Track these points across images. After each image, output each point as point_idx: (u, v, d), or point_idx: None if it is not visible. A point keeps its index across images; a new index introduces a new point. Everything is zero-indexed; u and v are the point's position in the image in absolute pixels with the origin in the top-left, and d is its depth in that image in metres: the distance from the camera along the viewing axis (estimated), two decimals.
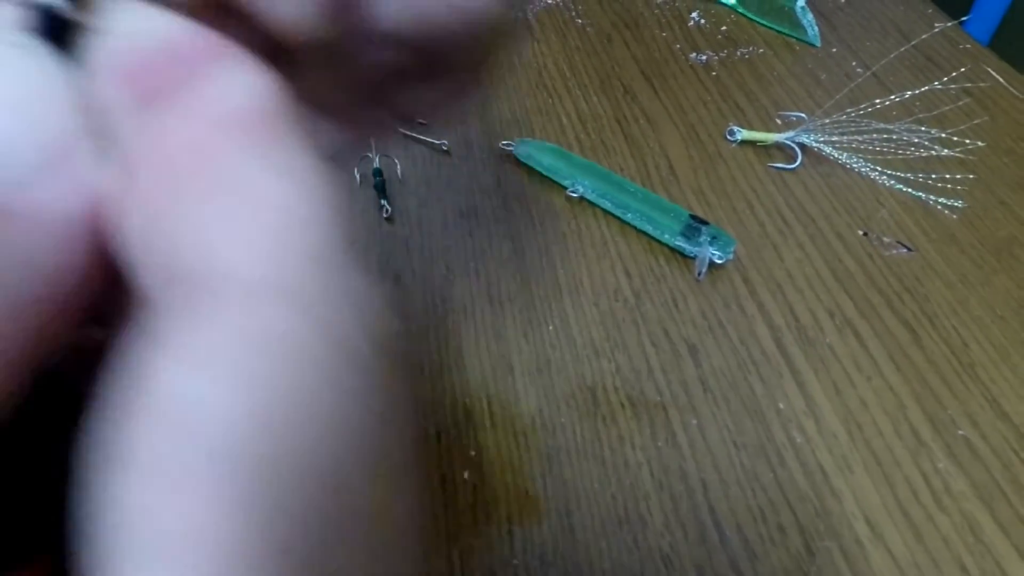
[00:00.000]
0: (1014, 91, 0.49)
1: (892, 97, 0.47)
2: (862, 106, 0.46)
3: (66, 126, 0.10)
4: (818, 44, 0.54)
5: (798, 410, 0.32)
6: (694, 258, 0.38)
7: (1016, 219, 0.41)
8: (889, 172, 0.43)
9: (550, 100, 0.49)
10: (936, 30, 0.55)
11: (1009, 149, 0.45)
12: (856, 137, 0.45)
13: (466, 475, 0.29)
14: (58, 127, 0.09)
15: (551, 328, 0.35)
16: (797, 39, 0.55)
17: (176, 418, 0.08)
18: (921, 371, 0.33)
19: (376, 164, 0.44)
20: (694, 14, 0.57)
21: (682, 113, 0.48)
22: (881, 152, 0.44)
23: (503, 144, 0.45)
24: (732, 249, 0.37)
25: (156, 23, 0.10)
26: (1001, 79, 0.50)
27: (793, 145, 0.44)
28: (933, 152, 0.44)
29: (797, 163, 0.44)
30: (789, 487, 0.29)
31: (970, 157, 0.44)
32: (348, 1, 0.12)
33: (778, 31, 0.55)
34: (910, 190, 0.42)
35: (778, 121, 0.47)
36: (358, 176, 0.43)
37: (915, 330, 0.35)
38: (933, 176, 0.43)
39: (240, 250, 0.09)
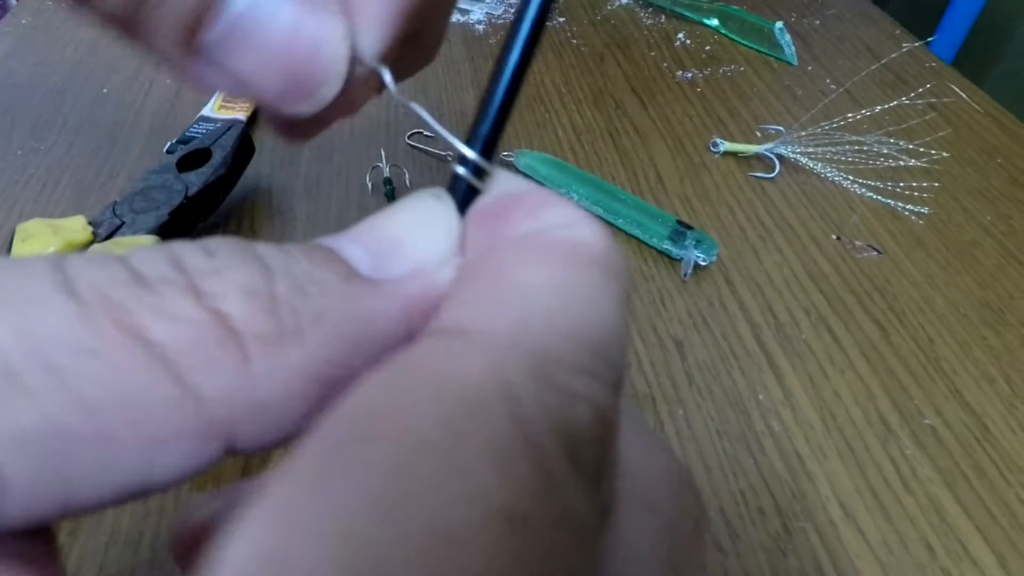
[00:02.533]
0: (976, 106, 0.49)
1: (863, 111, 0.47)
2: (835, 120, 0.46)
3: (442, 244, 0.12)
4: (795, 63, 0.54)
5: (776, 401, 0.32)
6: (680, 260, 0.38)
7: (978, 224, 0.41)
8: (860, 181, 0.43)
9: (547, 114, 0.49)
10: (904, 50, 0.55)
11: (971, 160, 0.45)
12: (830, 148, 0.45)
13: None
14: (448, 246, 0.12)
15: None
16: (776, 58, 0.55)
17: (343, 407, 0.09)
18: (890, 365, 0.33)
19: (387, 173, 0.44)
20: (680, 35, 0.57)
21: (669, 126, 0.48)
22: (853, 162, 0.44)
23: (503, 155, 0.45)
24: (715, 252, 0.37)
25: (518, 187, 0.12)
26: (964, 95, 0.50)
27: (772, 156, 0.44)
28: (901, 162, 0.44)
29: (775, 173, 0.44)
30: (768, 472, 0.29)
31: (935, 167, 0.44)
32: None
33: (758, 51, 0.55)
34: (880, 197, 0.42)
35: (758, 134, 0.47)
36: (370, 184, 0.43)
37: (884, 327, 0.35)
38: (901, 184, 0.43)
39: (466, 309, 0.10)
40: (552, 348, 0.09)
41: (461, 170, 0.13)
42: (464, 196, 0.13)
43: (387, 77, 0.15)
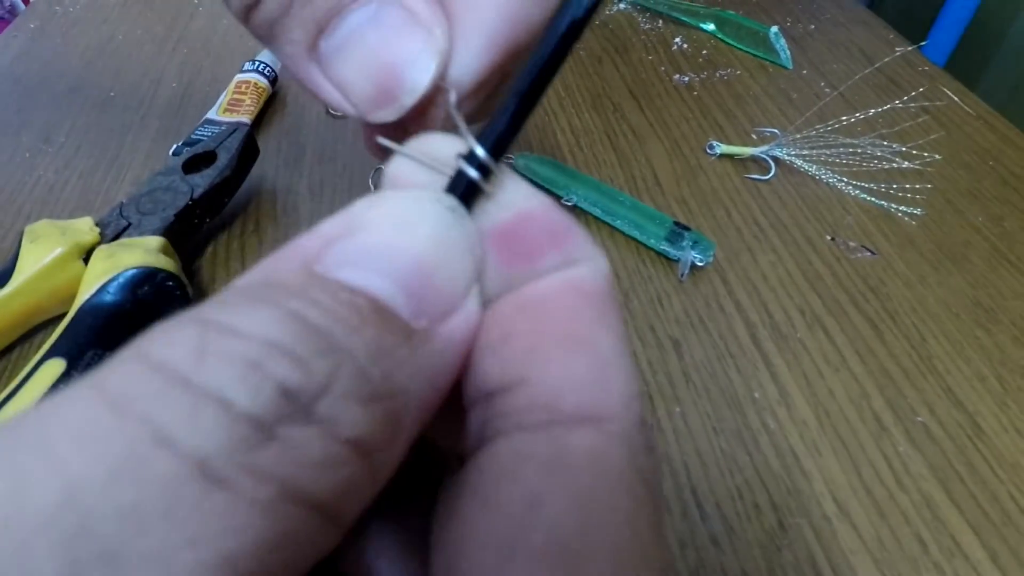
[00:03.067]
0: (968, 109, 0.49)
1: (857, 114, 0.47)
2: (830, 123, 0.46)
3: (470, 269, 0.11)
4: (790, 67, 0.54)
5: (772, 399, 0.32)
6: (677, 261, 0.38)
7: (970, 225, 0.41)
8: (854, 183, 0.43)
9: (547, 117, 0.49)
10: (897, 54, 0.55)
11: (963, 162, 0.45)
12: (824, 151, 0.45)
13: None
14: (467, 269, 0.11)
15: None
16: (771, 62, 0.55)
17: (517, 513, 0.09)
18: (883, 363, 0.33)
19: None
20: (677, 39, 0.57)
21: (666, 129, 0.48)
22: (847, 164, 0.44)
23: (504, 157, 0.45)
24: (712, 253, 0.37)
25: (531, 201, 0.12)
26: (956, 98, 0.50)
27: (767, 158, 0.44)
28: (894, 164, 0.44)
29: (771, 175, 0.44)
30: (764, 469, 0.29)
31: (928, 169, 0.44)
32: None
33: (754, 55, 0.55)
34: (873, 199, 0.42)
35: (753, 136, 0.47)
36: (373, 186, 0.43)
37: (878, 326, 0.35)
38: (894, 186, 0.43)
39: (605, 393, 0.10)
40: (633, 414, 0.11)
41: (472, 172, 0.12)
42: (466, 195, 0.12)
43: (452, 97, 0.15)
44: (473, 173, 0.12)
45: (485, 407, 0.11)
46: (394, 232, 0.11)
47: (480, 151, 0.12)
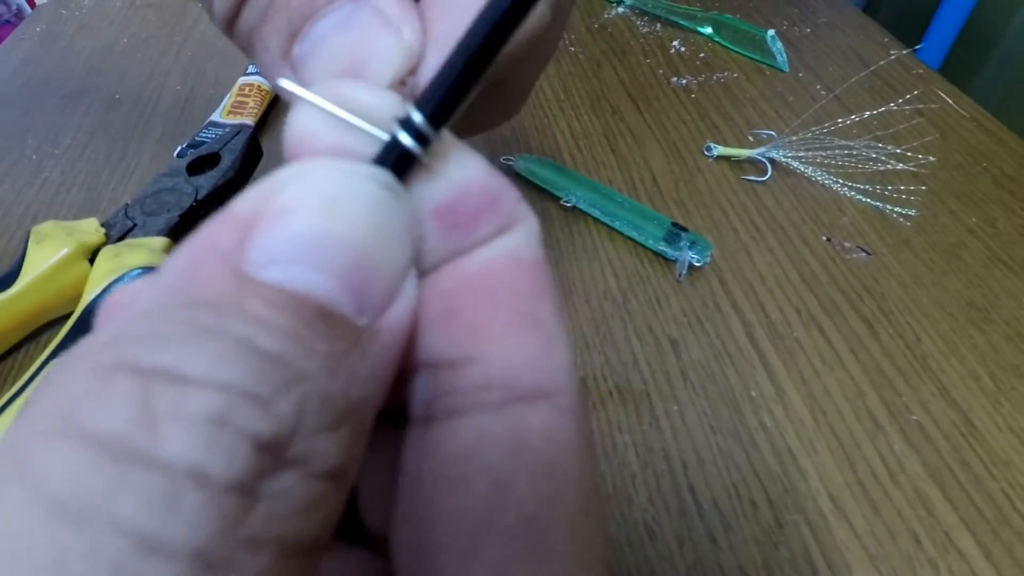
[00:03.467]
0: (962, 112, 0.49)
1: (852, 117, 0.47)
2: (826, 125, 0.46)
3: (408, 252, 0.10)
4: (786, 69, 0.54)
5: (768, 397, 0.32)
6: (675, 261, 0.38)
7: (964, 226, 0.41)
8: (850, 184, 0.43)
9: (546, 119, 0.49)
10: (892, 57, 0.55)
11: (957, 164, 0.45)
12: (820, 153, 0.45)
13: None
14: (406, 254, 0.10)
15: None
16: (768, 65, 0.55)
17: (486, 494, 0.10)
18: (878, 362, 0.33)
19: None
20: (675, 42, 0.57)
21: (664, 131, 0.48)
22: (843, 166, 0.44)
23: (504, 159, 0.45)
24: (709, 253, 0.37)
25: (472, 170, 0.11)
26: (950, 101, 0.50)
27: (764, 160, 0.44)
28: (889, 166, 0.44)
29: (768, 176, 0.44)
30: (760, 466, 0.29)
31: (922, 171, 0.44)
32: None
33: (751, 58, 0.55)
34: (868, 200, 0.42)
35: (750, 138, 0.47)
36: None
37: (873, 326, 0.35)
38: (889, 188, 0.43)
39: (553, 367, 0.11)
40: (575, 384, 0.11)
41: (408, 141, 0.10)
42: (400, 167, 0.10)
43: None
44: (409, 142, 0.10)
45: (433, 379, 0.11)
46: (325, 216, 0.09)
47: (418, 116, 0.10)
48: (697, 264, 0.37)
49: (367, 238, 0.09)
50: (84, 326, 0.31)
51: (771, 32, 0.54)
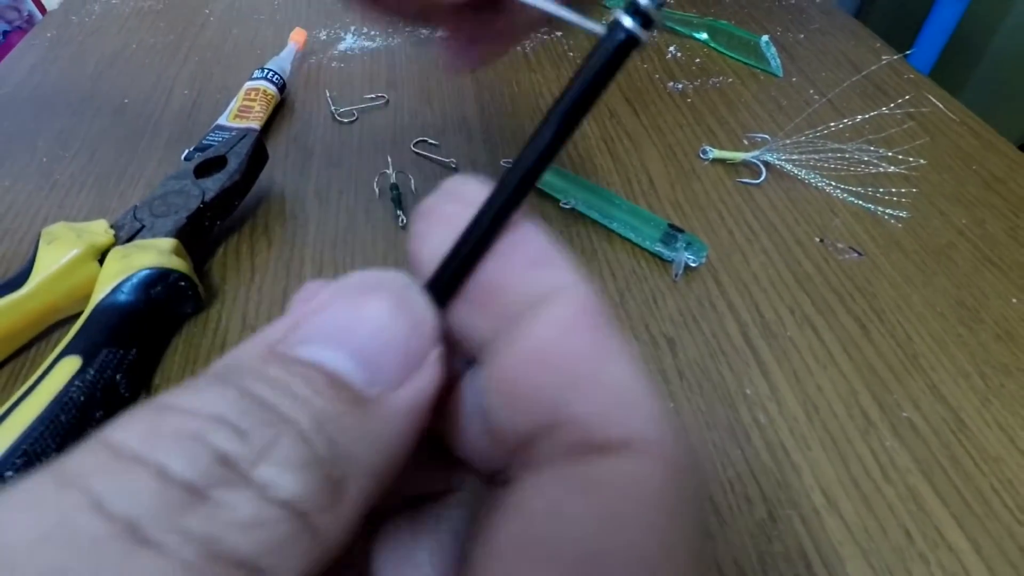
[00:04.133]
0: (951, 115, 0.49)
1: (845, 121, 0.47)
2: (819, 129, 0.46)
3: (427, 341, 0.11)
4: (780, 74, 0.54)
5: (763, 395, 0.32)
6: (671, 262, 0.38)
7: (953, 227, 0.41)
8: (842, 186, 0.43)
9: None
10: (883, 62, 0.55)
11: (947, 166, 0.45)
12: (813, 156, 0.45)
13: None
14: (427, 341, 0.11)
15: None
16: (762, 70, 0.55)
17: (545, 522, 0.10)
18: (870, 361, 0.33)
19: (393, 179, 0.44)
20: (671, 48, 0.57)
21: (661, 134, 0.48)
22: (835, 169, 0.44)
23: (504, 162, 0.45)
24: (705, 254, 0.37)
25: (507, 260, 0.12)
26: (940, 105, 0.50)
27: (758, 163, 0.44)
28: (881, 169, 0.44)
29: (762, 179, 0.44)
30: (755, 462, 0.29)
31: (913, 173, 0.44)
32: None
33: (745, 63, 0.55)
34: (860, 202, 0.42)
35: (745, 142, 0.47)
36: (377, 189, 0.43)
37: (865, 325, 0.35)
38: (881, 190, 0.43)
39: (632, 418, 0.10)
40: (667, 431, 0.11)
41: (627, 21, 0.11)
42: (617, 53, 0.11)
43: None
44: (629, 23, 0.11)
45: (522, 453, 0.11)
46: (352, 310, 0.11)
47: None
48: (693, 264, 0.37)
49: (385, 323, 0.11)
50: (94, 325, 0.31)
51: (765, 38, 0.54)
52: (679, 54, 0.57)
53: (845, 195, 0.42)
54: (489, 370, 0.11)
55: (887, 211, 0.41)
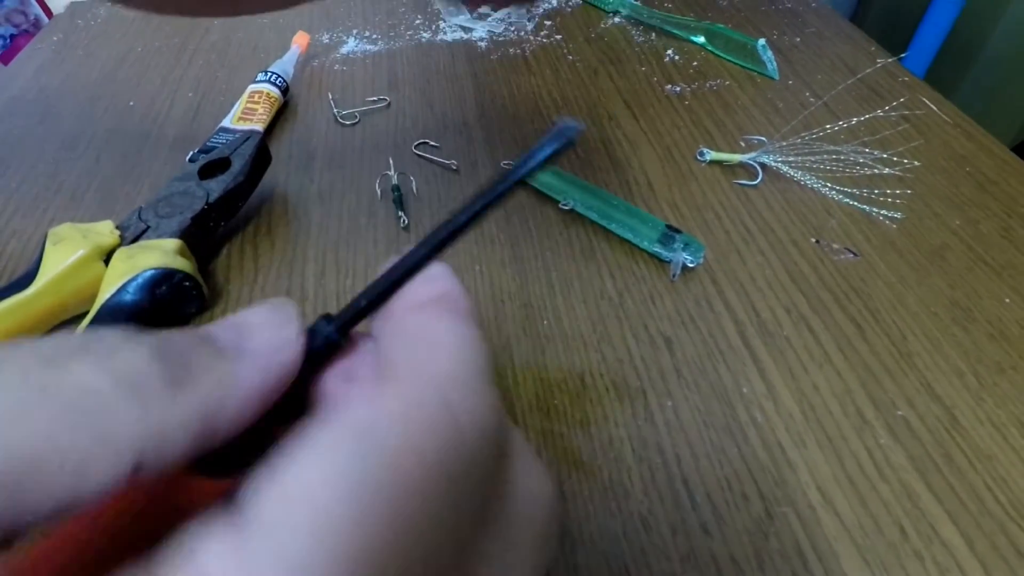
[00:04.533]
0: (946, 118, 0.49)
1: (840, 123, 0.47)
2: (814, 131, 0.46)
3: (295, 335, 0.15)
4: (776, 77, 0.54)
5: (759, 394, 0.32)
6: (669, 262, 0.38)
7: (947, 228, 0.41)
8: (838, 188, 0.43)
9: (545, 125, 0.49)
10: (878, 65, 0.55)
11: (941, 168, 0.45)
12: (809, 157, 0.45)
13: None
14: (293, 334, 0.14)
15: (545, 323, 0.35)
16: (759, 73, 0.55)
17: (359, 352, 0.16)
18: (865, 360, 0.33)
19: (395, 181, 0.44)
20: (669, 51, 0.57)
21: (659, 137, 0.48)
22: (831, 171, 0.44)
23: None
24: (702, 254, 0.37)
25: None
26: (934, 107, 0.50)
27: (755, 164, 0.44)
28: (876, 171, 0.44)
29: (758, 180, 0.44)
30: (751, 460, 0.29)
31: (907, 175, 0.44)
32: None
33: (742, 66, 0.55)
34: (856, 203, 0.42)
35: (742, 144, 0.47)
36: (379, 191, 0.43)
37: (860, 325, 0.35)
38: (876, 191, 0.43)
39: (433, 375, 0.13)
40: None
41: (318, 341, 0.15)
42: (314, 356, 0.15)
43: None
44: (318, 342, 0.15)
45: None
46: (250, 314, 0.15)
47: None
48: (690, 265, 0.37)
49: (259, 317, 0.14)
50: (99, 325, 0.31)
51: (762, 41, 0.54)
52: (677, 57, 0.57)
53: (840, 196, 0.42)
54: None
55: (882, 212, 0.41)
